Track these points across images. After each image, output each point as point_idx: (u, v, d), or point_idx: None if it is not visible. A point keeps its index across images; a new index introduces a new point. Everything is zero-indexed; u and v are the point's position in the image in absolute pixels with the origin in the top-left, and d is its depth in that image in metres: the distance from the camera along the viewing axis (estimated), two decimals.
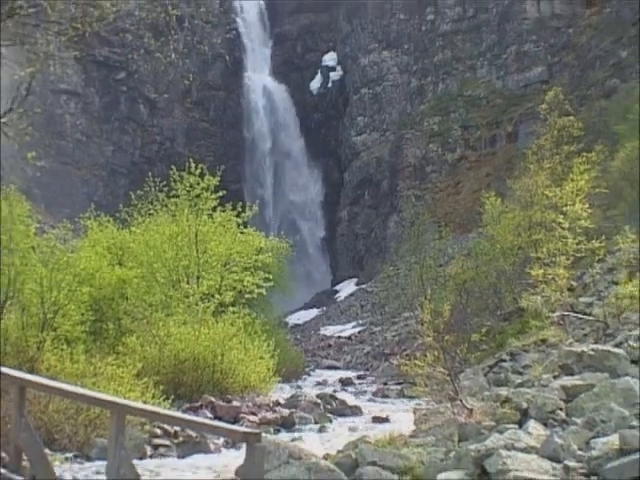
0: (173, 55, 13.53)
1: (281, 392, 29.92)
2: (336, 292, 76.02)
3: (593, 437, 14.37)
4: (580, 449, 13.89)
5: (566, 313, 26.02)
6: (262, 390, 27.30)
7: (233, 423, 19.50)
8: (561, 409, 16.71)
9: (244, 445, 6.02)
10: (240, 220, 32.24)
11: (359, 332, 58.70)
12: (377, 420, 24.46)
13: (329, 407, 27.26)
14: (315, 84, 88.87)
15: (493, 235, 37.01)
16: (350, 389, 35.98)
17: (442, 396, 19.06)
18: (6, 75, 54.75)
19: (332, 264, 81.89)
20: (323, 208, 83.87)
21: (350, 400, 29.88)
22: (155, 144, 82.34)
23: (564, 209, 29.30)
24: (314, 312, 71.87)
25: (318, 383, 38.06)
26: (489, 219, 38.14)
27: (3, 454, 13.41)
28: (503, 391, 19.23)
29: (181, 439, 19.10)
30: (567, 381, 18.48)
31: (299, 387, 34.69)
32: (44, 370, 19.74)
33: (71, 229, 29.45)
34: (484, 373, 25.91)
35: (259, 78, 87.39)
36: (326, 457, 16.52)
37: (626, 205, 38.80)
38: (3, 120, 13.98)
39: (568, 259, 27.39)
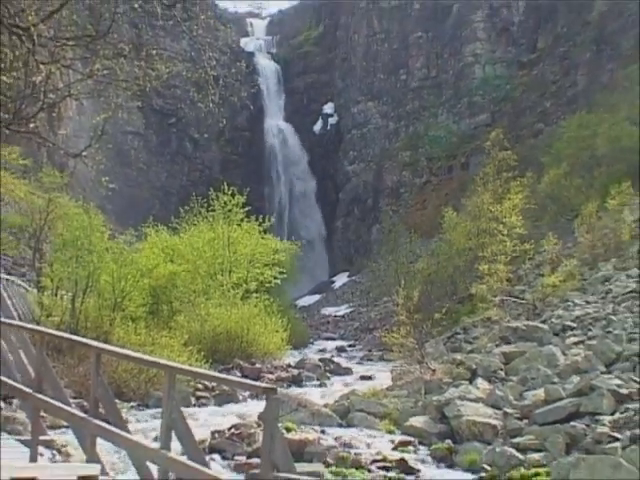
0: (211, 105, 13.50)
1: (292, 357, 29.86)
2: (333, 282, 75.74)
3: (525, 390, 14.41)
4: (515, 399, 13.93)
5: (505, 298, 26.04)
6: (277, 355, 27.28)
7: (256, 380, 19.48)
8: (501, 369, 16.74)
9: (264, 397, 6.01)
10: (261, 228, 32.24)
11: (350, 312, 58.49)
12: (364, 378, 24.40)
13: (328, 368, 27.20)
14: (317, 127, 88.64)
15: (450, 239, 36.97)
16: (343, 355, 35.86)
17: (412, 360, 19.07)
18: (86, 120, 54.85)
19: (330, 261, 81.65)
20: (323, 219, 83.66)
21: (343, 363, 29.82)
22: (197, 171, 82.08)
23: (503, 220, 29.33)
24: (316, 297, 71.57)
25: (319, 350, 37.94)
26: (447, 227, 38.09)
27: (85, 403, 13.48)
28: (458, 356, 19.26)
29: (217, 392, 19.11)
30: (506, 348, 18.51)
31: (305, 353, 34.65)
32: (115, 340, 19.74)
33: (135, 235, 29.51)
34: (443, 343, 25.89)
35: (275, 122, 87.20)
36: (326, 406, 16.53)
37: (549, 217, 38.79)
38: (84, 154, 14.02)
39: (506, 257, 27.43)
